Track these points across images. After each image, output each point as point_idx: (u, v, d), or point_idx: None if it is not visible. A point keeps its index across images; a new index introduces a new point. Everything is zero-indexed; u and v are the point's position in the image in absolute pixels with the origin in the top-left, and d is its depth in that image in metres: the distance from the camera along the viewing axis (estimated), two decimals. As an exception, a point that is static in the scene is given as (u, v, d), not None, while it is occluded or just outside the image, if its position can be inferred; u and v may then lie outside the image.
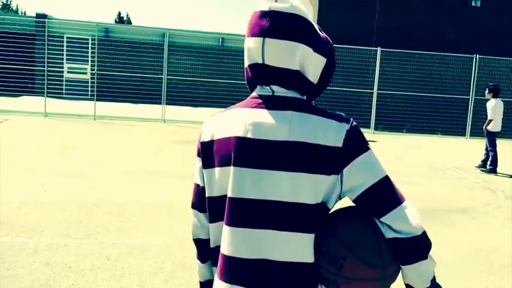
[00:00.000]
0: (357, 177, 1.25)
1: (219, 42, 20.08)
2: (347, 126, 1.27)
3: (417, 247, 1.24)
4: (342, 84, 15.97)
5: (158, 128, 13.03)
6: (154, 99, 16.98)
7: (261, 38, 1.27)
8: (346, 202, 1.33)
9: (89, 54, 17.45)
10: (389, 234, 1.23)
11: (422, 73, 16.42)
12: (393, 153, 11.11)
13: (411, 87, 16.11)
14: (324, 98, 16.02)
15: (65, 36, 19.53)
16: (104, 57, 18.20)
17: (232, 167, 1.28)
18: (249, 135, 1.27)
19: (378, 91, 14.65)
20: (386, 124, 15.55)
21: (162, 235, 4.67)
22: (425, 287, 1.28)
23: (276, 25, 1.26)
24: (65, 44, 19.66)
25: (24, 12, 57.62)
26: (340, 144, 1.24)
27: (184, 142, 10.57)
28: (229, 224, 1.30)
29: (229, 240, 1.30)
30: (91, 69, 19.10)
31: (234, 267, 1.30)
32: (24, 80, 17.25)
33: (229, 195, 1.29)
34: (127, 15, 75.33)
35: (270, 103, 1.30)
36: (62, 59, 19.57)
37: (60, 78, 19.33)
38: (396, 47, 15.50)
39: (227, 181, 1.30)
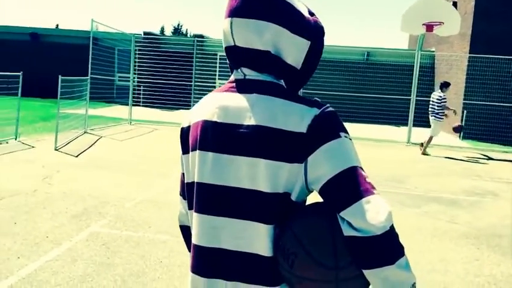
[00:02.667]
0: (321, 167, 1.12)
1: (364, 56, 19.65)
2: (315, 111, 1.15)
3: (377, 249, 1.04)
4: (482, 97, 14.44)
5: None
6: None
7: (230, 19, 1.23)
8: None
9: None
10: (347, 232, 1.06)
11: None
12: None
13: None
14: (473, 111, 14.66)
15: (218, 54, 21.02)
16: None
17: (197, 151, 1.26)
18: (214, 119, 1.23)
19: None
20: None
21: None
22: None
23: (243, 4, 1.21)
24: (218, 61, 21.14)
25: (193, 35, 63.37)
26: (304, 130, 1.13)
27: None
28: (195, 210, 1.28)
29: (194, 227, 1.28)
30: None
31: (197, 256, 1.27)
32: (181, 95, 18.93)
33: (195, 180, 1.27)
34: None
35: (240, 87, 1.24)
36: (215, 75, 21.06)
37: (212, 94, 20.79)
38: None
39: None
